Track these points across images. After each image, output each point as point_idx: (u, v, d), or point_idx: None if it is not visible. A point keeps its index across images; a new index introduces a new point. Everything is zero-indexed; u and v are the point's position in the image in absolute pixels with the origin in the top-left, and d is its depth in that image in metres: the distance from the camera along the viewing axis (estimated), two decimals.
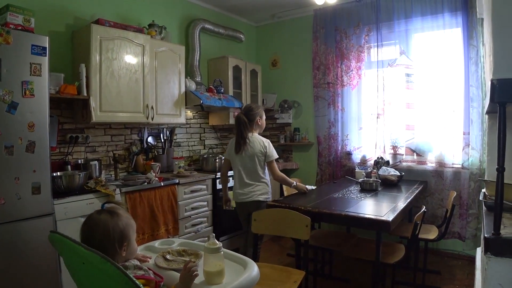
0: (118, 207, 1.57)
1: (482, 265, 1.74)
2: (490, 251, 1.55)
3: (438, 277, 3.74)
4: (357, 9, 4.76)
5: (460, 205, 4.11)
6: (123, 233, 1.48)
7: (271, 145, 3.42)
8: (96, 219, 1.47)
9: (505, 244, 1.53)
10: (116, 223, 1.47)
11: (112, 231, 1.44)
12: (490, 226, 1.60)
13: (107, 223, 1.45)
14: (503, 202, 1.60)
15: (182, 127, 4.74)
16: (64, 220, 2.82)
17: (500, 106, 1.55)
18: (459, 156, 4.13)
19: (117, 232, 1.45)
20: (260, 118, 3.48)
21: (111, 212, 1.51)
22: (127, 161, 4.03)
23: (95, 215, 1.49)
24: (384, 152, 4.59)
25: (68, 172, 3.23)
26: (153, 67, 3.91)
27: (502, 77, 1.54)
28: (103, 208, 1.53)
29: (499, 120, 1.55)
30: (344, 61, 4.89)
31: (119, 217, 1.50)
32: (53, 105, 3.34)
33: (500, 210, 1.57)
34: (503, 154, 1.55)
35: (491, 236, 1.56)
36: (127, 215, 1.56)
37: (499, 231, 1.57)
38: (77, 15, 3.61)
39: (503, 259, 1.53)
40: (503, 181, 1.57)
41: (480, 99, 3.94)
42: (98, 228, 1.44)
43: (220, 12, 5.34)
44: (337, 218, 2.88)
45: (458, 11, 4.03)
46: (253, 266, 1.66)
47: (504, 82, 1.53)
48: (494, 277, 1.55)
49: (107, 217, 1.47)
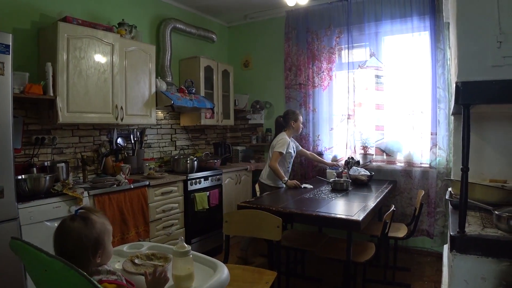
0: (91, 212, 1.49)
1: (448, 262, 1.79)
2: (455, 249, 1.59)
3: (407, 274, 3.82)
4: (328, 11, 4.81)
5: (428, 203, 4.21)
6: (97, 240, 1.41)
7: (282, 141, 4.07)
8: (69, 227, 1.39)
9: (469, 241, 1.57)
10: (90, 231, 1.39)
11: (85, 239, 1.37)
12: (456, 224, 1.65)
13: (80, 232, 1.38)
14: (468, 201, 1.64)
15: (153, 128, 4.67)
16: (29, 224, 2.71)
17: (464, 108, 1.59)
18: (427, 156, 4.24)
19: (91, 240, 1.38)
20: (294, 121, 4.20)
21: (84, 219, 1.43)
22: (96, 163, 3.93)
23: (68, 222, 1.41)
24: (354, 152, 4.66)
25: (33, 175, 3.11)
26: (123, 66, 3.83)
27: (466, 80, 1.58)
28: (76, 214, 1.45)
29: (463, 121, 1.59)
30: (315, 62, 4.93)
31: (94, 224, 1.42)
32: (18, 106, 3.23)
33: (464, 208, 1.61)
34: (467, 154, 1.59)
35: (456, 234, 1.60)
36: (102, 220, 1.48)
37: (464, 229, 1.61)
38: (44, 12, 3.49)
39: (468, 256, 1.57)
40: (467, 181, 1.61)
41: (447, 100, 4.05)
42: (71, 237, 1.37)
43: (192, 12, 5.29)
44: (308, 218, 2.90)
45: (426, 15, 4.14)
46: (223, 268, 1.65)
47: (468, 84, 1.57)
48: (460, 273, 1.59)
49: (80, 224, 1.40)
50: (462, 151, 1.60)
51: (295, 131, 4.26)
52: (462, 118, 1.59)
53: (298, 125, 4.22)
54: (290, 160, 4.23)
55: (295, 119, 4.19)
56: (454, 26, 1.86)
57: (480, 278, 1.55)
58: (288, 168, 4.25)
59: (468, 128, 1.58)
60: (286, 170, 4.19)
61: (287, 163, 4.21)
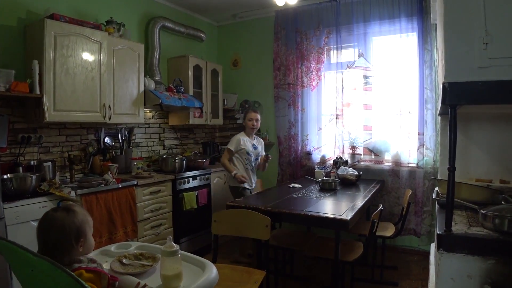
0: (73, 204, 1.56)
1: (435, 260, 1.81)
2: (442, 247, 1.61)
3: (395, 272, 3.86)
4: (317, 12, 4.83)
5: (416, 202, 4.25)
6: (80, 229, 1.46)
7: (232, 139, 4.17)
8: (52, 216, 1.44)
9: (456, 240, 1.59)
10: (72, 220, 1.45)
11: (68, 228, 1.42)
12: (442, 223, 1.66)
13: (63, 220, 1.43)
14: (454, 200, 1.66)
15: (141, 127, 4.64)
16: (15, 224, 2.68)
17: (451, 108, 1.61)
18: (415, 155, 4.28)
19: (73, 229, 1.43)
20: (244, 120, 4.24)
21: (67, 209, 1.49)
22: (83, 162, 3.89)
23: (50, 213, 1.47)
24: (343, 152, 4.69)
25: (19, 174, 3.07)
26: (111, 65, 3.79)
27: (453, 81, 1.60)
28: (59, 206, 1.49)
29: (450, 121, 1.61)
30: (304, 62, 4.94)
31: (75, 214, 1.48)
32: (3, 104, 3.19)
33: (451, 207, 1.63)
34: (454, 154, 1.61)
35: (443, 233, 1.62)
36: (84, 212, 1.54)
37: (451, 228, 1.63)
38: (30, 9, 3.45)
39: (454, 254, 1.59)
40: (454, 180, 1.63)
41: (434, 101, 4.09)
42: (54, 226, 1.42)
43: (181, 11, 5.26)
44: (297, 218, 2.90)
45: (414, 17, 4.18)
46: (212, 268, 1.64)
47: (455, 85, 1.59)
48: (446, 271, 1.61)
49: (63, 214, 1.45)
50: (449, 151, 1.62)
51: (249, 130, 4.19)
52: (449, 118, 1.61)
53: (247, 123, 4.18)
54: (246, 157, 4.14)
55: (244, 117, 4.25)
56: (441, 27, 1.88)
57: (466, 276, 1.57)
58: (247, 166, 4.17)
59: (455, 128, 1.60)
60: (244, 168, 4.16)
61: (244, 160, 4.15)
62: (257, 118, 4.15)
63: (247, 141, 4.15)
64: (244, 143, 4.12)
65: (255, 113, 4.17)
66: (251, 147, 4.16)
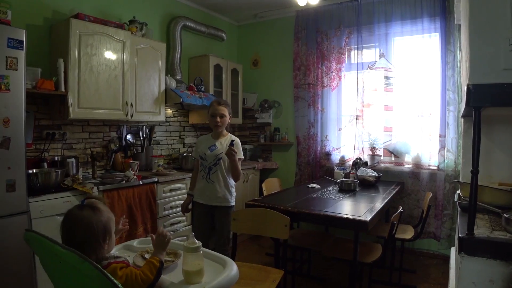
0: (98, 202, 1.55)
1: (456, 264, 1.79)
2: (464, 251, 1.59)
3: (413, 276, 3.81)
4: (338, 12, 4.81)
5: (436, 205, 4.20)
6: (106, 227, 1.46)
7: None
8: (79, 215, 1.43)
9: (478, 244, 1.57)
10: (98, 218, 1.44)
11: (96, 227, 1.42)
12: (464, 226, 1.65)
13: (90, 219, 1.42)
14: (477, 203, 1.64)
15: (162, 125, 4.70)
16: (39, 218, 2.76)
17: (475, 110, 1.59)
18: (435, 158, 4.22)
19: (101, 228, 1.43)
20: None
21: (92, 207, 1.48)
22: (105, 158, 3.96)
23: (76, 211, 1.45)
24: (362, 153, 4.66)
25: (44, 170, 3.15)
26: (133, 64, 3.86)
27: (477, 82, 1.58)
28: (84, 204, 1.50)
29: (474, 123, 1.59)
30: (324, 62, 4.93)
31: (101, 212, 1.47)
32: (29, 101, 3.26)
33: (474, 211, 1.61)
34: (477, 156, 1.59)
35: (465, 236, 1.60)
36: (107, 209, 1.54)
37: (473, 231, 1.61)
38: (56, 9, 3.53)
39: (476, 258, 1.57)
40: (477, 183, 1.61)
41: (456, 103, 4.03)
42: (81, 225, 1.41)
43: (202, 10, 5.31)
44: (315, 218, 2.90)
45: (437, 17, 4.12)
46: (232, 265, 1.66)
47: (480, 87, 1.57)
48: (468, 275, 1.59)
49: (89, 213, 1.44)
50: (472, 154, 1.60)
51: (213, 128, 3.23)
52: (473, 120, 1.59)
53: (209, 120, 3.22)
54: (206, 164, 3.14)
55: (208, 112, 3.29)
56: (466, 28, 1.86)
57: (488, 281, 1.55)
58: (203, 177, 3.16)
59: (479, 130, 1.58)
60: (201, 177, 3.21)
61: (202, 168, 3.19)
62: (222, 113, 3.14)
63: (204, 141, 3.25)
64: (199, 144, 3.28)
65: (219, 106, 3.16)
66: (207, 148, 3.16)
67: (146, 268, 1.44)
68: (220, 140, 3.19)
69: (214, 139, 3.20)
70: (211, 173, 3.11)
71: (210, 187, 3.12)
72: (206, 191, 3.14)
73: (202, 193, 3.17)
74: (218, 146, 3.14)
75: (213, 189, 3.11)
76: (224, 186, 3.13)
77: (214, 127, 3.19)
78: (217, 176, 3.11)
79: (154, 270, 1.43)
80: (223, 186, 3.13)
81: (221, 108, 3.14)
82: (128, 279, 1.36)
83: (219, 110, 3.13)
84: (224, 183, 3.13)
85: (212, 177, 3.12)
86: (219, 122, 3.12)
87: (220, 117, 3.13)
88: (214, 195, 3.12)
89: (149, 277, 1.40)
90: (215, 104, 3.17)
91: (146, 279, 1.39)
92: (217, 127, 3.15)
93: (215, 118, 3.13)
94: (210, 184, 3.11)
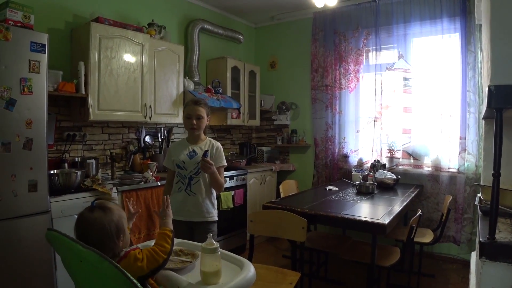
0: (107, 201, 1.60)
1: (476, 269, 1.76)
2: (485, 255, 1.56)
3: (432, 280, 3.76)
4: (356, 13, 4.78)
5: (456, 209, 4.12)
6: (118, 226, 1.50)
7: None
8: (90, 218, 1.47)
9: (499, 248, 1.54)
10: (110, 218, 1.48)
11: (108, 227, 1.46)
12: (485, 230, 1.61)
13: (102, 221, 1.46)
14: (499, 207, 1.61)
15: (180, 127, 4.74)
16: (60, 218, 2.81)
17: (497, 112, 1.56)
18: (455, 160, 4.15)
19: (113, 227, 1.48)
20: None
21: (103, 208, 1.52)
22: (124, 160, 4.02)
23: (87, 214, 1.49)
24: (380, 156, 4.61)
25: (65, 170, 3.21)
26: (152, 66, 3.90)
27: (499, 83, 1.55)
28: (94, 206, 1.53)
29: (495, 125, 1.56)
30: (342, 64, 4.90)
31: (112, 212, 1.52)
32: (51, 103, 3.31)
33: (495, 215, 1.58)
34: (499, 159, 1.56)
35: (486, 241, 1.57)
36: (118, 207, 1.59)
37: (494, 235, 1.58)
38: (76, 13, 3.60)
39: (497, 263, 1.54)
40: (498, 186, 1.58)
41: (477, 104, 3.96)
42: (94, 226, 1.45)
43: (219, 13, 5.34)
44: (333, 221, 2.89)
45: (457, 17, 4.06)
46: (250, 266, 1.66)
47: (502, 88, 1.54)
48: (489, 281, 1.56)
49: (100, 214, 1.48)
50: (494, 156, 1.57)
51: (188, 131, 2.79)
52: (495, 122, 1.56)
53: (185, 122, 2.78)
54: (185, 174, 2.69)
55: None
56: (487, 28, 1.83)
57: (510, 287, 1.52)
58: (181, 189, 2.70)
59: (501, 132, 1.55)
60: (177, 189, 2.73)
61: (180, 178, 2.72)
62: (198, 114, 2.69)
63: (178, 148, 2.79)
64: (173, 151, 2.79)
65: (195, 105, 2.71)
66: (185, 155, 2.71)
67: (161, 239, 1.57)
68: (200, 145, 2.75)
69: (192, 144, 2.76)
70: (192, 183, 2.66)
71: (191, 200, 2.66)
72: (186, 205, 2.66)
73: (182, 208, 2.66)
74: (198, 152, 2.69)
75: (196, 202, 2.66)
76: (207, 198, 2.70)
77: (189, 130, 2.74)
78: (199, 187, 2.67)
79: (168, 240, 1.58)
80: (206, 198, 2.70)
81: (198, 109, 2.69)
82: (149, 256, 1.47)
83: (195, 110, 2.69)
84: (206, 194, 2.70)
85: (193, 188, 2.66)
86: (195, 125, 2.68)
87: (196, 119, 2.68)
88: (197, 209, 2.67)
89: (166, 247, 1.54)
90: (191, 104, 2.74)
91: (164, 249, 1.53)
92: (193, 130, 2.70)
93: (190, 120, 2.68)
94: (191, 196, 2.66)
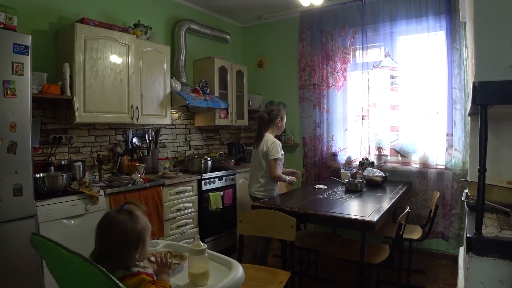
0: (136, 208, 1.53)
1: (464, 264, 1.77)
2: (472, 251, 1.57)
3: (422, 276, 3.79)
4: (343, 12, 4.79)
5: (444, 205, 4.16)
6: (140, 236, 1.44)
7: (276, 145, 3.58)
8: (115, 218, 1.42)
9: (486, 243, 1.56)
10: (134, 225, 1.43)
11: (130, 233, 1.40)
12: (472, 226, 1.63)
13: (125, 224, 1.41)
14: (485, 202, 1.62)
15: (168, 128, 4.71)
16: (47, 222, 2.77)
17: (481, 108, 1.58)
18: (443, 157, 4.19)
19: (135, 235, 1.41)
20: (280, 120, 3.76)
21: (130, 213, 1.46)
22: (111, 162, 3.98)
23: (114, 214, 1.45)
24: (369, 153, 4.63)
25: (51, 173, 3.17)
26: (138, 67, 3.87)
27: (483, 80, 1.56)
28: (122, 208, 1.48)
29: (480, 121, 1.57)
30: (329, 62, 4.91)
31: (138, 219, 1.46)
32: (36, 105, 3.29)
33: (481, 210, 1.59)
34: (484, 155, 1.58)
35: (473, 236, 1.58)
36: (145, 218, 1.51)
37: (481, 231, 1.59)
38: (61, 14, 3.56)
39: (484, 258, 1.55)
40: (484, 182, 1.59)
41: (463, 101, 4.00)
42: (116, 228, 1.40)
43: (206, 13, 5.32)
44: (322, 219, 2.89)
45: (442, 15, 4.09)
46: (238, 267, 1.65)
47: (486, 84, 1.56)
48: (476, 275, 1.57)
49: (126, 217, 1.43)
50: (479, 152, 1.58)
51: (278, 130, 3.83)
52: (479, 118, 1.58)
53: (283, 125, 3.81)
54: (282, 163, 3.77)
55: (281, 117, 3.78)
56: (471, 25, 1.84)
57: (497, 281, 1.53)
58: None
59: (485, 128, 1.57)
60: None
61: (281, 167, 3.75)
62: None
63: None
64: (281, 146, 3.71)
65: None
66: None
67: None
68: None
69: None
70: None
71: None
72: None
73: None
74: None
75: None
76: None
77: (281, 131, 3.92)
78: None
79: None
80: None
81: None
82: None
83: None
84: None
85: None
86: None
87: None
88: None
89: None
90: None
91: None
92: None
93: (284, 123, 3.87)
94: None
